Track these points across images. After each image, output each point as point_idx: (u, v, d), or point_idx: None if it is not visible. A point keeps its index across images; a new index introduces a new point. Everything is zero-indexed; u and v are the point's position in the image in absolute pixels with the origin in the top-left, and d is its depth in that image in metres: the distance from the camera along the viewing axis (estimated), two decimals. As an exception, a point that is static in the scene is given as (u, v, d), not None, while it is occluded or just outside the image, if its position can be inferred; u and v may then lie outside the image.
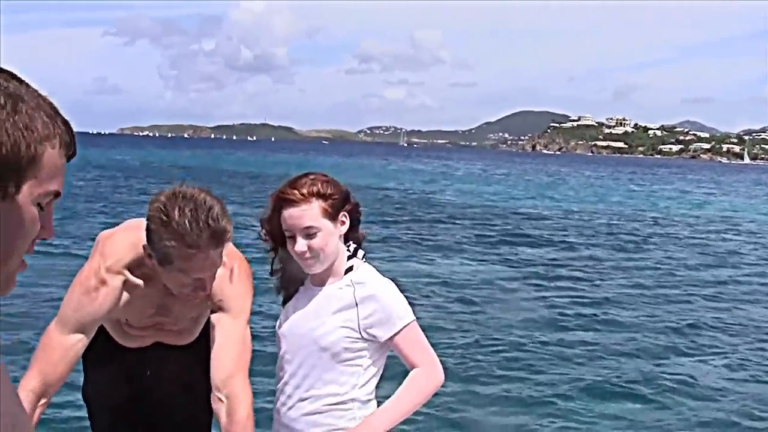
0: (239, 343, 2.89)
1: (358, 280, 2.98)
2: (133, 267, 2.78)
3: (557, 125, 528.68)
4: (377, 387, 3.06)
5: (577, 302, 14.45)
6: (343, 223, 2.97)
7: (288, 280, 3.07)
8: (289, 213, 2.88)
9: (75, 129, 1.23)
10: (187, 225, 2.52)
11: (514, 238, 23.82)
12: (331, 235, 2.92)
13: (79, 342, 2.76)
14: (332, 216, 2.91)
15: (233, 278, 2.93)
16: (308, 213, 2.87)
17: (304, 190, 2.87)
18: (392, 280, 3.07)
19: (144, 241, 2.70)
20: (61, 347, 2.72)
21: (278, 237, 2.97)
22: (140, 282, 2.80)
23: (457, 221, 28.36)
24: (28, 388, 2.66)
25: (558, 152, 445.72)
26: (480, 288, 15.51)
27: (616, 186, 67.20)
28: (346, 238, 3.04)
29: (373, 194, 40.17)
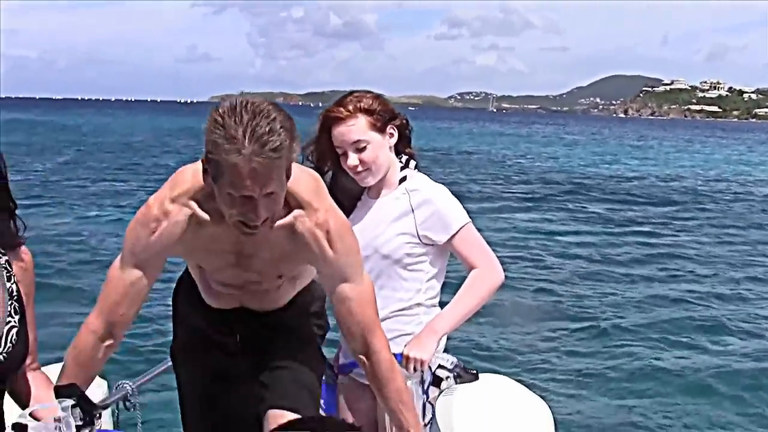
0: (368, 303, 2.62)
1: (412, 187, 3.05)
2: (202, 200, 2.47)
3: (649, 89, 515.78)
4: (441, 293, 3.14)
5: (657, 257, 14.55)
6: (392, 135, 3.03)
7: (342, 195, 2.99)
8: (338, 130, 2.96)
9: (167, 97, 1.06)
10: (240, 127, 2.19)
11: (590, 195, 23.72)
12: (380, 147, 2.99)
13: (139, 279, 2.54)
14: (380, 129, 2.98)
15: (334, 241, 2.53)
16: (355, 128, 2.94)
17: (350, 107, 2.95)
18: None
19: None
20: (121, 284, 2.54)
21: (326, 156, 3.02)
22: (207, 217, 2.49)
23: (531, 182, 28.23)
24: (90, 329, 2.54)
25: (650, 117, 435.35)
26: (550, 242, 15.67)
27: (709, 150, 65.56)
28: (398, 151, 3.10)
29: (453, 157, 40.15)
